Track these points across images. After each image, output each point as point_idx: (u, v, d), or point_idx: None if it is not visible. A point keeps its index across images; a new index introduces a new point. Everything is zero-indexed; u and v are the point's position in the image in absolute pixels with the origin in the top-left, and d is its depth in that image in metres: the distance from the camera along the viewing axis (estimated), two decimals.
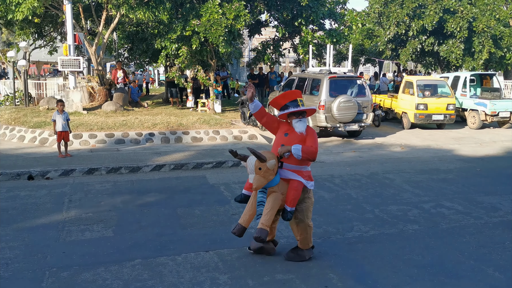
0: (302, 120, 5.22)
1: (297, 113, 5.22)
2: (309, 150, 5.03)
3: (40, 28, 18.45)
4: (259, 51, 20.38)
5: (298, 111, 5.21)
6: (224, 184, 8.91)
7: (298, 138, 5.16)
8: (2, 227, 6.39)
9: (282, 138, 5.25)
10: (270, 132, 5.46)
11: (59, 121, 10.43)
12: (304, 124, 5.22)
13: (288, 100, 5.28)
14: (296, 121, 5.21)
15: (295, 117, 5.23)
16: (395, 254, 5.66)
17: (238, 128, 13.87)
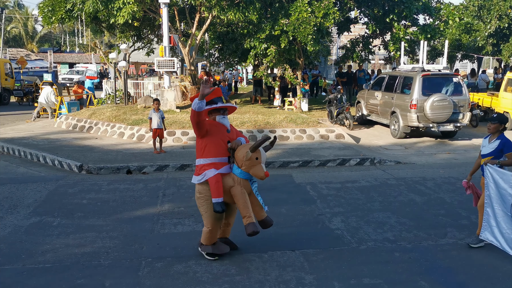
0: (226, 117, 5.42)
1: (221, 109, 5.36)
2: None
3: (139, 31, 19.61)
4: (347, 48, 20.03)
5: (223, 107, 5.34)
6: (310, 183, 8.88)
7: (235, 133, 5.46)
8: (103, 218, 6.90)
9: (226, 135, 5.33)
10: (196, 132, 5.27)
11: (155, 119, 11.02)
12: (228, 120, 5.46)
13: (215, 96, 5.33)
14: (221, 117, 5.36)
15: (219, 114, 5.36)
16: (493, 265, 5.29)
17: (325, 127, 13.74)
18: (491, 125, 5.84)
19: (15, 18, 56.86)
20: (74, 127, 14.69)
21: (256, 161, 5.06)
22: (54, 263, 5.32)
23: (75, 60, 48.97)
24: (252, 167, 5.09)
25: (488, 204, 5.69)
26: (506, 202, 5.44)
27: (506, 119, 6.02)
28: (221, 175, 5.21)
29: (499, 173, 5.50)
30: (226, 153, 5.28)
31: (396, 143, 13.06)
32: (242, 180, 5.21)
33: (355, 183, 8.95)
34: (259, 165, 5.09)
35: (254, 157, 5.05)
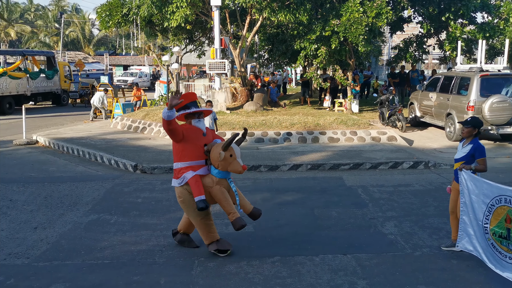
0: (201, 120, 5.58)
1: (196, 113, 5.51)
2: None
3: (191, 33, 20.04)
4: (400, 48, 19.58)
5: (198, 111, 5.49)
6: (362, 186, 8.74)
7: (211, 136, 5.63)
8: (157, 217, 7.09)
9: (202, 138, 5.48)
10: (172, 138, 5.40)
11: (207, 120, 11.19)
12: (204, 123, 5.63)
13: (189, 101, 5.48)
14: (196, 121, 5.52)
15: (195, 117, 5.51)
16: None
17: (377, 129, 13.49)
18: (464, 129, 5.60)
19: (73, 22, 59.48)
20: (128, 128, 15.19)
21: (230, 158, 5.26)
22: (112, 260, 5.52)
23: (129, 62, 50.64)
24: (229, 165, 5.28)
25: (465, 212, 5.44)
26: (479, 210, 5.20)
27: (480, 123, 5.66)
28: (200, 176, 5.41)
29: (473, 179, 5.26)
30: (203, 156, 5.46)
31: (451, 146, 12.61)
32: (220, 180, 5.40)
33: (408, 186, 8.73)
34: (235, 161, 5.28)
35: (228, 155, 5.24)
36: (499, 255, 5.03)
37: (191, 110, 5.45)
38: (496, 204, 4.99)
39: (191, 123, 5.52)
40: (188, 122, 5.55)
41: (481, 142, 5.56)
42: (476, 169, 5.43)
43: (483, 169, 5.47)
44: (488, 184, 5.13)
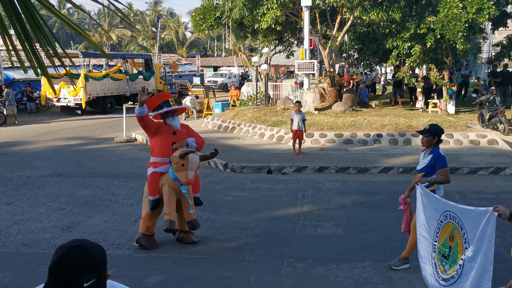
0: (176, 118, 5.83)
1: (171, 112, 5.77)
2: (200, 141, 5.89)
3: (280, 34, 20.19)
4: (503, 45, 18.21)
5: (171, 110, 5.75)
6: (459, 192, 8.27)
7: (185, 134, 5.78)
8: (247, 215, 7.24)
9: (171, 137, 5.70)
10: (146, 133, 5.83)
11: (296, 121, 11.23)
12: (178, 121, 5.83)
13: (161, 101, 5.80)
14: (171, 119, 5.78)
15: (169, 116, 5.77)
16: None
17: (475, 132, 12.68)
18: (423, 139, 5.09)
19: (168, 26, 62.61)
20: (219, 127, 15.68)
21: (181, 167, 5.35)
22: (204, 255, 5.74)
23: (219, 63, 52.20)
24: (178, 171, 5.43)
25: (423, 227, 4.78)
26: (431, 227, 4.56)
27: (439, 130, 5.07)
28: (160, 173, 5.68)
29: (426, 194, 4.66)
30: (169, 154, 5.63)
31: None
32: (171, 180, 5.53)
33: (510, 194, 8.11)
34: (184, 172, 5.36)
35: (180, 163, 5.33)
36: (435, 276, 4.42)
37: (163, 110, 5.76)
38: (444, 220, 4.39)
39: (166, 121, 5.83)
40: (164, 121, 5.87)
41: (441, 152, 5.03)
42: (436, 181, 4.93)
43: (445, 181, 4.97)
44: (436, 198, 4.57)
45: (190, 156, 5.41)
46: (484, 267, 3.90)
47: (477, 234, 3.93)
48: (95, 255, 1.78)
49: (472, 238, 3.98)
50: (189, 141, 5.74)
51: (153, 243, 5.92)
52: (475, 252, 3.99)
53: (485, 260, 3.90)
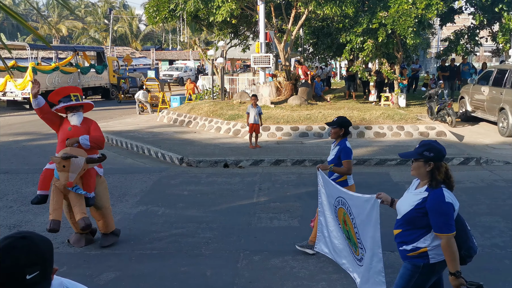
0: (76, 114, 5.58)
1: (72, 107, 5.56)
2: (96, 139, 5.51)
3: (236, 28, 20.12)
4: (451, 41, 18.92)
5: (72, 105, 5.53)
6: (409, 182, 8.46)
7: (82, 130, 5.53)
8: (203, 209, 7.20)
9: (67, 132, 5.54)
10: (51, 128, 5.69)
11: (252, 114, 11.24)
12: (79, 117, 5.60)
13: (61, 96, 5.57)
14: (71, 115, 5.58)
15: (69, 112, 5.58)
16: None
17: (425, 124, 13.12)
18: (332, 130, 5.23)
19: (121, 18, 61.09)
20: (174, 122, 15.48)
21: (63, 168, 5.20)
22: (159, 250, 5.66)
23: (175, 57, 51.50)
24: (59, 171, 5.26)
25: (321, 213, 5.11)
26: (331, 212, 4.86)
27: (347, 122, 5.22)
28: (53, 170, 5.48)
29: (326, 181, 4.91)
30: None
31: (504, 142, 12.11)
32: (55, 178, 5.40)
33: (458, 183, 8.40)
34: (65, 173, 5.22)
35: (62, 164, 5.19)
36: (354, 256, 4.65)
37: (60, 106, 5.57)
38: (337, 205, 4.66)
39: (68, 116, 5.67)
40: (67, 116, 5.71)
41: (348, 143, 5.18)
42: (336, 170, 5.11)
43: (346, 172, 5.11)
44: (333, 184, 4.79)
45: (72, 159, 5.19)
46: (373, 250, 4.08)
47: (364, 219, 4.12)
48: (42, 247, 1.73)
49: (359, 224, 4.19)
50: (80, 139, 5.46)
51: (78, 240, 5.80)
52: (363, 236, 4.17)
53: (373, 244, 4.08)
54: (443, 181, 3.25)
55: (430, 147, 3.27)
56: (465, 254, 3.30)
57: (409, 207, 3.29)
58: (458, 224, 3.26)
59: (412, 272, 3.32)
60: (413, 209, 3.26)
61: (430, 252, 3.24)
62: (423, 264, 3.25)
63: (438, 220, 3.15)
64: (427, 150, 3.25)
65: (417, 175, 3.32)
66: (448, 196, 3.18)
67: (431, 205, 3.17)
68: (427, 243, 3.24)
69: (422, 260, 3.25)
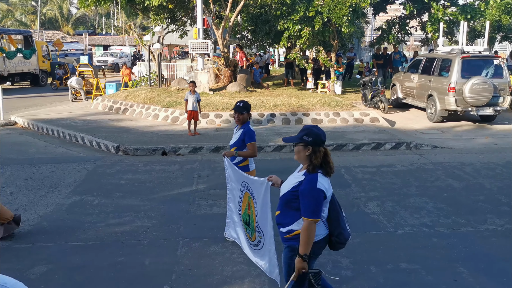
0: None
1: None
2: None
3: (172, 13, 19.68)
4: (383, 30, 19.59)
5: None
6: (345, 167, 8.81)
7: None
8: (141, 198, 7.05)
9: None
10: None
11: (191, 101, 11.09)
12: None
13: None
14: None
15: None
16: None
17: (359, 110, 13.56)
18: (239, 116, 5.28)
19: (50, 1, 57.95)
20: (110, 109, 14.98)
21: None
22: (95, 241, 5.49)
23: (109, 42, 49.70)
24: None
25: (230, 199, 5.17)
26: (236, 197, 4.98)
27: (250, 106, 5.38)
28: None
29: (230, 166, 5.00)
30: None
31: (432, 127, 12.78)
32: None
33: (390, 167, 8.83)
34: None
35: None
36: (247, 242, 4.80)
37: None
38: (243, 190, 4.70)
39: None
40: None
41: (251, 127, 5.33)
42: (242, 154, 5.22)
43: (251, 154, 5.24)
44: (236, 170, 4.86)
45: None
46: (270, 232, 4.15)
47: (261, 202, 4.20)
48: None
49: (259, 207, 4.25)
50: None
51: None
52: (262, 219, 4.25)
53: (269, 226, 4.14)
54: (321, 166, 3.27)
55: (309, 132, 3.29)
56: (336, 240, 3.36)
57: (286, 189, 3.33)
58: (333, 211, 3.34)
59: (290, 255, 3.34)
60: (289, 191, 3.30)
61: None
62: (299, 245, 3.24)
63: (305, 204, 3.18)
64: (306, 135, 3.27)
65: (298, 159, 3.33)
66: (321, 182, 3.21)
67: (303, 188, 3.21)
68: (300, 226, 3.24)
69: (297, 242, 3.24)
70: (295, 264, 3.20)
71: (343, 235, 3.37)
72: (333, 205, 3.35)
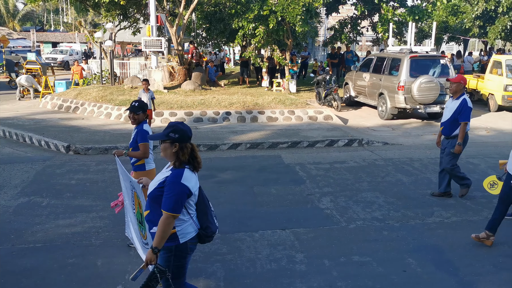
0: None
1: None
2: None
3: (124, 9, 19.26)
4: (336, 29, 19.97)
5: None
6: (299, 164, 8.93)
7: None
8: (93, 198, 6.88)
9: None
10: None
11: (144, 99, 10.89)
12: None
13: None
14: None
15: None
16: (478, 243, 5.41)
17: (314, 109, 13.77)
18: (135, 116, 5.15)
19: None
20: (59, 108, 14.51)
21: None
22: (44, 243, 5.31)
23: (59, 39, 48.03)
24: None
25: (125, 198, 4.99)
26: (129, 197, 4.80)
27: (146, 105, 5.28)
28: None
29: (120, 167, 4.78)
30: None
31: (383, 124, 13.17)
32: None
33: (343, 163, 9.03)
34: None
35: None
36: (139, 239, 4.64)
37: None
38: (132, 190, 4.59)
39: None
40: None
41: (146, 126, 5.17)
42: (130, 155, 5.18)
43: (141, 155, 5.16)
44: (124, 170, 4.66)
45: None
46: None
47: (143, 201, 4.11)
48: None
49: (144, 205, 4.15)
50: None
51: None
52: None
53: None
54: (188, 162, 3.27)
55: (175, 129, 3.28)
56: (203, 233, 3.36)
57: (153, 187, 3.30)
58: (201, 204, 3.35)
59: (167, 256, 3.28)
60: (156, 188, 3.27)
61: (179, 233, 3.25)
62: (175, 245, 3.24)
63: (167, 197, 3.14)
64: (172, 132, 3.26)
65: (165, 156, 3.29)
66: (186, 178, 3.19)
67: (168, 183, 3.18)
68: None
69: (172, 242, 3.22)
70: (147, 256, 3.14)
71: (210, 229, 3.37)
72: (201, 198, 3.34)
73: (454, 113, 6.63)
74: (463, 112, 6.56)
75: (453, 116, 6.66)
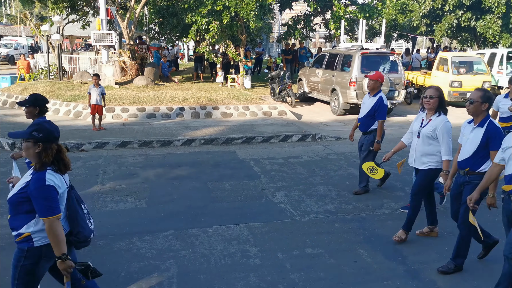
0: None
1: None
2: None
3: (73, 2, 18.63)
4: (289, 26, 20.13)
5: None
6: (254, 159, 8.96)
7: None
8: None
9: None
10: None
11: (94, 95, 10.61)
12: None
13: None
14: None
15: None
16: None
17: (268, 104, 13.84)
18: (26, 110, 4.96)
19: None
20: (4, 103, 13.90)
21: None
22: None
23: (3, 32, 45.92)
24: None
25: None
26: None
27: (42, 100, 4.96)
28: None
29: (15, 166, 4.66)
30: None
31: (336, 119, 13.42)
32: None
33: (297, 158, 9.13)
34: None
35: None
36: None
37: None
38: None
39: None
40: None
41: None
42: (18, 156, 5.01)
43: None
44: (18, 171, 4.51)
45: None
46: None
47: None
48: None
49: None
50: None
51: None
52: None
53: None
54: (53, 164, 3.08)
55: (39, 127, 3.06)
56: (75, 239, 3.23)
57: (14, 192, 3.09)
58: (70, 209, 3.19)
59: (18, 257, 3.12)
60: (16, 193, 3.06)
61: (34, 236, 3.07)
62: (28, 248, 3.07)
63: (39, 204, 2.97)
64: (36, 131, 3.05)
65: (27, 156, 3.08)
66: (50, 179, 3.00)
67: (32, 189, 2.98)
68: (31, 229, 3.05)
69: (26, 244, 3.06)
70: (60, 266, 3.03)
71: (82, 234, 3.23)
72: (70, 203, 3.19)
73: (370, 110, 6.86)
74: (380, 110, 6.79)
75: (369, 113, 6.88)
